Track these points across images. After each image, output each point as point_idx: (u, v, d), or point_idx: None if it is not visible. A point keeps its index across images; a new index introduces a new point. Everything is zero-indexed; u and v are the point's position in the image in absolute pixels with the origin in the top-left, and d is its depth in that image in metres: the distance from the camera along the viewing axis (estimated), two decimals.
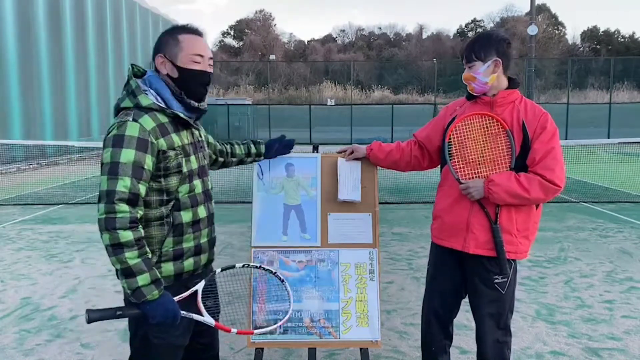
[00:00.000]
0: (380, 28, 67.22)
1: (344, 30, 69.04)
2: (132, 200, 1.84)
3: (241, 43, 62.39)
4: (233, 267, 2.31)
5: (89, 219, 7.93)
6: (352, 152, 2.87)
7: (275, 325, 2.40)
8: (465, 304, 2.75)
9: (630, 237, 6.75)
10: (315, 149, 2.98)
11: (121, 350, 3.58)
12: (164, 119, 1.96)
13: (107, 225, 1.81)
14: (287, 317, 2.39)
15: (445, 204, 2.62)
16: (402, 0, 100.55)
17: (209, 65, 2.07)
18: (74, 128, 18.55)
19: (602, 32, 56.71)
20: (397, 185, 10.76)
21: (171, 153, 1.94)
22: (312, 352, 2.71)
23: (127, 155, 1.84)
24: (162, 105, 1.98)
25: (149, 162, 1.88)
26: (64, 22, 17.90)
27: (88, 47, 19.58)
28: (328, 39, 67.29)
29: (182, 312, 1.95)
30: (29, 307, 4.42)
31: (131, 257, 1.81)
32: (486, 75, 2.46)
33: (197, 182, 2.07)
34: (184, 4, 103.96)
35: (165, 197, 1.97)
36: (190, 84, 2.02)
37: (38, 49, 16.37)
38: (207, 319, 2.05)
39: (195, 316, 2.03)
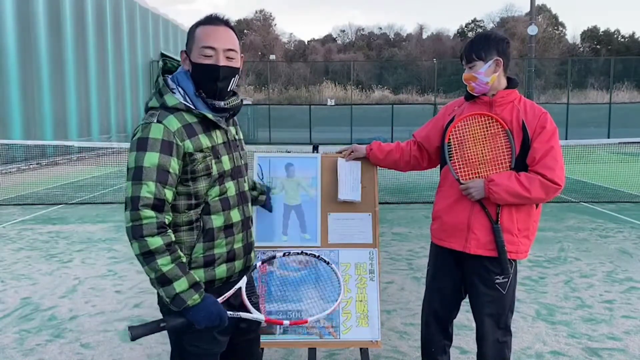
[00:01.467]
0: (380, 28, 67.35)
1: (344, 30, 69.14)
2: (158, 205, 1.75)
3: (241, 43, 62.33)
4: (274, 257, 2.25)
5: (89, 219, 7.93)
6: (352, 152, 2.87)
7: (325, 313, 2.09)
8: (465, 304, 2.75)
9: (630, 237, 6.75)
10: (315, 149, 2.98)
11: (121, 351, 3.58)
12: (191, 119, 1.86)
13: (135, 233, 1.72)
14: (338, 302, 2.13)
15: (445, 204, 2.62)
16: (402, 0, 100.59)
17: (227, 58, 1.88)
18: (74, 128, 18.55)
19: (602, 32, 56.73)
20: (397, 185, 10.76)
21: (198, 155, 1.83)
22: (312, 352, 2.71)
23: (151, 158, 1.75)
24: (190, 104, 1.88)
25: (174, 165, 1.79)
26: (64, 22, 17.89)
27: (88, 47, 19.58)
28: (328, 39, 67.32)
29: (229, 312, 1.86)
30: (29, 307, 4.42)
31: (164, 263, 1.72)
32: (487, 75, 2.46)
33: (230, 184, 1.94)
34: (184, 4, 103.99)
35: (194, 201, 1.86)
36: (201, 80, 1.89)
37: (38, 49, 16.36)
38: (256, 315, 1.96)
39: (244, 314, 1.93)
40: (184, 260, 1.79)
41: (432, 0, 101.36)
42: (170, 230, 1.78)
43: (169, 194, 1.78)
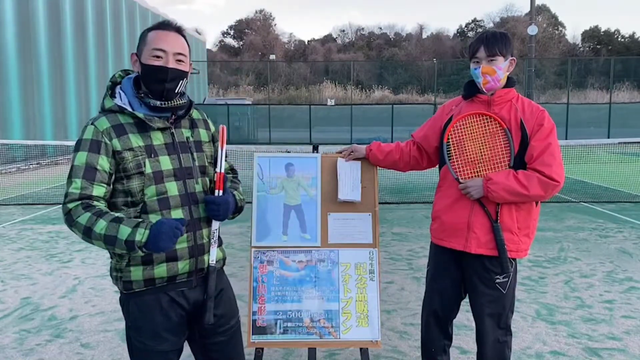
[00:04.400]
0: (380, 28, 67.31)
1: (344, 31, 69.13)
2: (83, 199, 1.84)
3: (241, 43, 62.42)
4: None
5: None
6: (351, 153, 2.87)
7: None
8: (465, 304, 2.75)
9: (630, 237, 6.75)
10: (315, 149, 2.97)
11: (121, 350, 3.58)
12: (125, 119, 1.93)
13: (68, 223, 1.84)
14: None
15: (445, 204, 2.61)
16: (402, 0, 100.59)
17: (177, 61, 1.94)
18: (74, 128, 18.55)
19: (603, 32, 56.72)
20: (397, 185, 10.76)
21: (127, 154, 1.89)
22: (312, 352, 2.71)
23: (80, 157, 1.87)
24: (125, 106, 1.94)
25: (102, 162, 1.86)
26: (64, 22, 17.90)
27: (88, 47, 19.58)
28: (328, 39, 67.31)
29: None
30: (29, 307, 4.42)
31: (101, 227, 1.78)
32: (504, 72, 2.48)
33: (171, 185, 1.95)
34: (184, 4, 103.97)
35: (130, 199, 1.92)
36: (147, 81, 1.95)
37: (38, 49, 16.37)
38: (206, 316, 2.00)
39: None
40: (120, 214, 1.84)
41: (432, 0, 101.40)
42: (95, 202, 1.84)
43: (97, 190, 1.86)
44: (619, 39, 55.86)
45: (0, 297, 4.66)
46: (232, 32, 64.56)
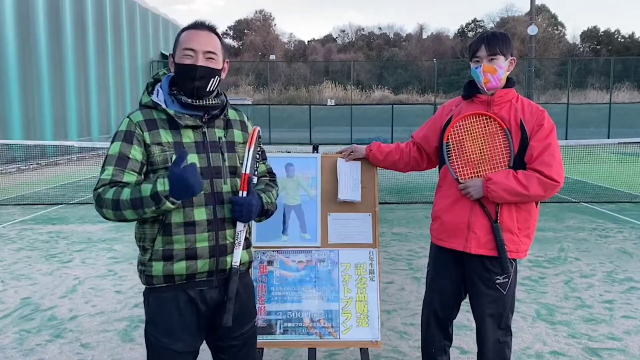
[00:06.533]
0: (380, 28, 67.30)
1: (344, 31, 69.14)
2: (113, 185, 1.88)
3: (241, 43, 62.42)
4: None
5: (89, 219, 7.93)
6: (351, 153, 2.87)
7: None
8: (465, 304, 2.75)
9: (630, 237, 6.75)
10: (315, 149, 2.98)
11: (121, 351, 3.58)
12: (159, 115, 1.98)
13: (98, 205, 1.87)
14: None
15: (445, 205, 2.61)
16: (402, 0, 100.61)
17: (207, 59, 1.98)
18: (74, 128, 18.55)
19: (602, 32, 56.74)
20: (397, 185, 10.76)
21: (155, 148, 1.93)
22: (312, 352, 2.71)
23: (114, 147, 1.93)
24: (160, 103, 2.00)
25: (134, 152, 1.92)
26: (64, 22, 17.89)
27: (88, 47, 19.58)
28: (328, 39, 67.31)
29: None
30: (29, 307, 4.42)
31: (126, 195, 1.82)
32: (505, 71, 2.49)
33: None
34: (183, 4, 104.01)
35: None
36: (179, 79, 2.00)
37: (38, 49, 16.37)
38: (224, 318, 1.98)
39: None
40: (138, 180, 1.91)
41: (432, 0, 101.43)
42: (120, 183, 1.89)
43: (128, 177, 1.90)
44: (619, 39, 55.87)
45: (0, 297, 4.66)
46: (231, 32, 64.58)
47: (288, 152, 3.27)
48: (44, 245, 6.47)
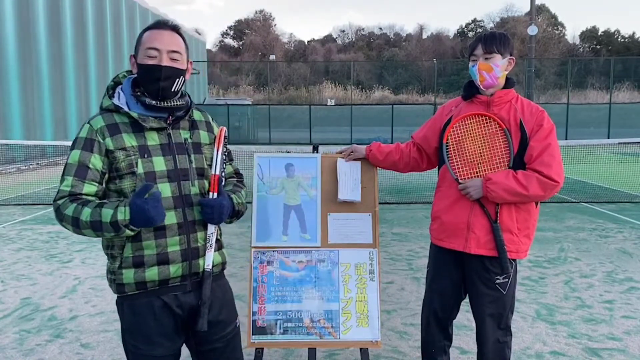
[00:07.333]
0: (380, 28, 67.30)
1: (344, 31, 69.14)
2: (72, 197, 1.85)
3: (241, 43, 62.43)
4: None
5: None
6: (351, 153, 2.87)
7: None
8: (465, 304, 2.75)
9: (630, 237, 6.75)
10: (315, 149, 2.98)
11: (120, 351, 3.57)
12: (121, 119, 1.92)
13: (58, 219, 1.85)
14: None
15: (444, 205, 2.62)
16: (402, 0, 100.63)
17: (171, 59, 1.92)
18: (74, 128, 18.54)
19: (602, 32, 56.75)
20: (397, 185, 10.76)
21: (119, 154, 1.87)
22: (312, 352, 2.71)
23: (74, 155, 1.88)
24: (122, 105, 1.93)
25: (94, 161, 1.87)
26: (64, 22, 17.90)
27: (88, 47, 19.58)
28: (328, 39, 67.32)
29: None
30: (29, 307, 4.42)
31: (86, 215, 1.79)
32: (501, 70, 2.48)
33: (163, 186, 1.91)
34: (183, 5, 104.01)
35: (122, 199, 1.88)
36: (143, 80, 1.93)
37: (38, 49, 16.37)
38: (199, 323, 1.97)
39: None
40: (104, 201, 1.87)
41: (432, 0, 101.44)
42: (80, 196, 1.85)
43: (87, 188, 1.86)
44: (619, 39, 55.86)
45: (0, 297, 4.66)
46: (231, 33, 64.60)
47: (288, 152, 3.27)
48: (44, 245, 6.48)
